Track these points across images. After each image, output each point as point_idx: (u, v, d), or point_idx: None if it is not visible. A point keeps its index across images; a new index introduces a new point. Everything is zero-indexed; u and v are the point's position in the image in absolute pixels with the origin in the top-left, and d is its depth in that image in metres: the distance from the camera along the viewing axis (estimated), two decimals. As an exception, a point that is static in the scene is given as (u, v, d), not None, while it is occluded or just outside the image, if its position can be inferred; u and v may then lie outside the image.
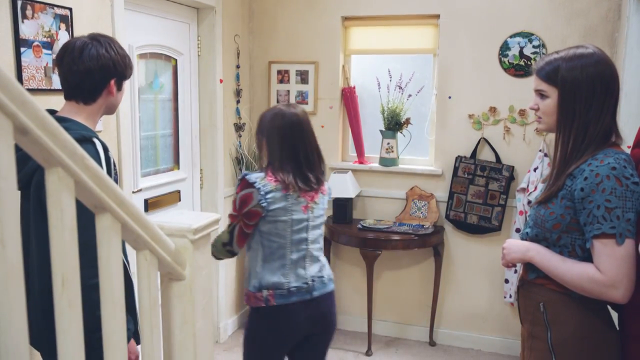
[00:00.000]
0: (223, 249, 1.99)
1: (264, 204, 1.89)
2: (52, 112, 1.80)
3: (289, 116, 1.98)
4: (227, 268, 3.66)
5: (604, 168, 1.37)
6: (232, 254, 2.00)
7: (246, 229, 1.94)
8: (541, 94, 1.53)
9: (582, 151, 1.45)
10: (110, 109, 1.84)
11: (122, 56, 1.75)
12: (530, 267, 1.56)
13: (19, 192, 1.57)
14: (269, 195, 1.90)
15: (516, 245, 1.57)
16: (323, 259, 2.11)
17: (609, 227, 1.34)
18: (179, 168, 3.32)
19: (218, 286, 3.58)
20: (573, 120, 1.46)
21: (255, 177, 1.92)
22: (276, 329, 1.98)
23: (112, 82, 1.74)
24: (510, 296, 3.40)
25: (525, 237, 1.59)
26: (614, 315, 1.52)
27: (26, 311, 0.84)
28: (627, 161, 1.40)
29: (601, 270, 1.36)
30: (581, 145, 1.46)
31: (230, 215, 1.97)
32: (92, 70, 1.72)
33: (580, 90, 1.44)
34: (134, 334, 1.73)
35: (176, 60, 3.22)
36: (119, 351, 1.12)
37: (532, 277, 1.55)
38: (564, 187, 1.45)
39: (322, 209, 2.07)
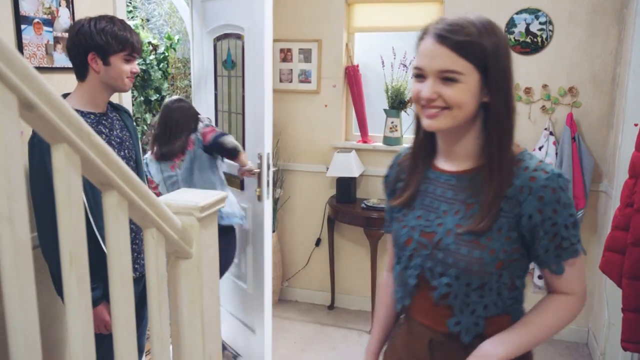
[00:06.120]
0: None
1: None
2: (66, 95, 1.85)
3: None
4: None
5: (553, 180, 1.10)
6: None
7: None
8: None
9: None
10: (111, 86, 1.83)
11: (100, 30, 1.74)
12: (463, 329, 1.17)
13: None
14: None
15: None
16: None
17: (579, 244, 1.15)
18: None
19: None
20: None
21: None
22: None
23: (90, 56, 1.76)
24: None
25: (445, 291, 1.15)
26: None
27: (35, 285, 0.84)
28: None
29: (572, 291, 1.17)
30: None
31: None
32: (70, 47, 1.78)
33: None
34: (103, 299, 1.75)
35: (178, 38, 3.18)
36: (127, 329, 1.12)
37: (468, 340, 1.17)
38: (501, 215, 1.12)
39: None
